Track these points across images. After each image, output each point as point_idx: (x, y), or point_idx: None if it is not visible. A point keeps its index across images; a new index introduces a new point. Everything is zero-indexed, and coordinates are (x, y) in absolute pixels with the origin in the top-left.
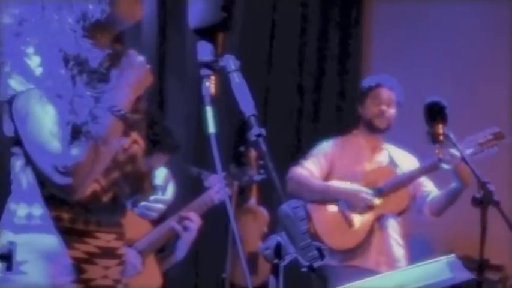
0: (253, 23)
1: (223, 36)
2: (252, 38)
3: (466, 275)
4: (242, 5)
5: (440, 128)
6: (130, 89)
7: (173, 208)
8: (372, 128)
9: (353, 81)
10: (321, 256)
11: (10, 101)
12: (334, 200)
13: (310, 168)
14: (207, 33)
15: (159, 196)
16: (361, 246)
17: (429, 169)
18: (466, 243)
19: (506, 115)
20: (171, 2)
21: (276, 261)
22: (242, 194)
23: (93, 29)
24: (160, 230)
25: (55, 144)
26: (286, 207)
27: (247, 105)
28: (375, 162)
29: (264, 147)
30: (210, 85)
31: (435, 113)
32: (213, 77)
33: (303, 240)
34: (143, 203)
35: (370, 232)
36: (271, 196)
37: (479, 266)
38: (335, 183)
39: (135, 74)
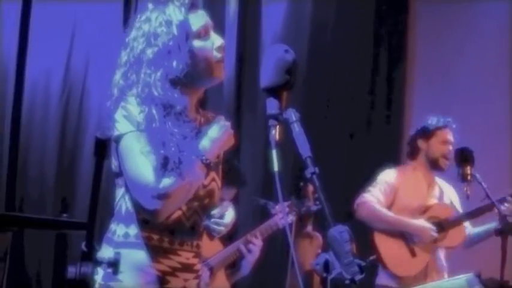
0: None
1: (286, 94)
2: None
3: None
4: (303, 66)
5: (469, 169)
6: (216, 145)
7: (243, 230)
8: (435, 167)
9: (397, 130)
10: (361, 271)
11: (116, 141)
12: (401, 232)
13: (378, 197)
14: (274, 91)
15: (218, 219)
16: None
17: (484, 210)
18: (489, 266)
19: None
20: (246, 67)
21: (324, 274)
22: (301, 221)
23: (176, 82)
24: (228, 250)
25: (149, 177)
26: (333, 231)
27: (304, 149)
28: (431, 197)
29: (317, 182)
30: (276, 133)
31: (464, 157)
32: (278, 127)
33: (347, 258)
34: (205, 223)
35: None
36: (324, 223)
37: (500, 286)
38: (404, 218)
39: (222, 136)
